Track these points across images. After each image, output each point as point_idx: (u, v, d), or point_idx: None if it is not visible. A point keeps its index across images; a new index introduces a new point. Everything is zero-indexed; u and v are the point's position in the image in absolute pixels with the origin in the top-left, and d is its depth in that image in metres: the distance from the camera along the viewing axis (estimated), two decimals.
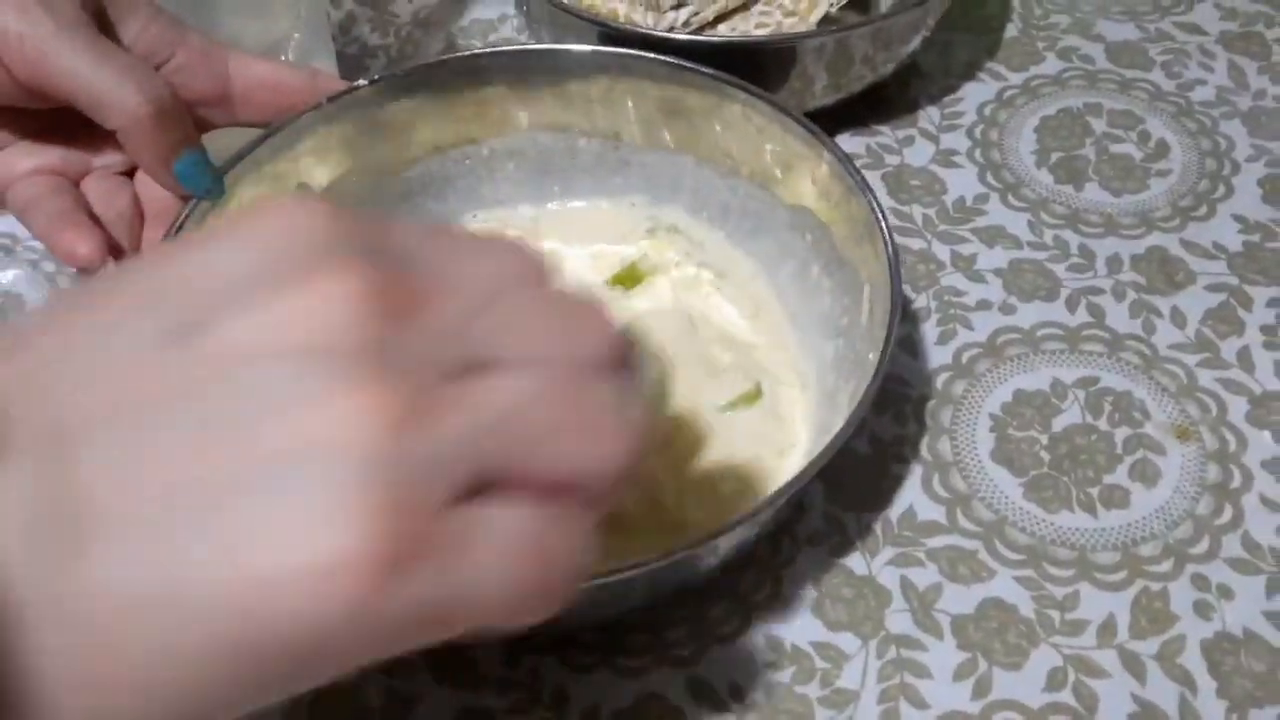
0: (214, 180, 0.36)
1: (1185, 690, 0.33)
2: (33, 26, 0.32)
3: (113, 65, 0.33)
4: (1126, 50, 0.52)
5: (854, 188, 0.36)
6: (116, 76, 0.33)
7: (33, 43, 0.32)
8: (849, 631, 0.34)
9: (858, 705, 0.33)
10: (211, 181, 0.36)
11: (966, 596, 0.35)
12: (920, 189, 0.46)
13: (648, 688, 0.33)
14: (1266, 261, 0.43)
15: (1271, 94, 0.50)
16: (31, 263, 0.45)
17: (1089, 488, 0.37)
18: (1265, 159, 0.47)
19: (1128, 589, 0.35)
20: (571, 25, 0.47)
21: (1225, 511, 0.37)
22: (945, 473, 0.38)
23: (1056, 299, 0.42)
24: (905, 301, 0.43)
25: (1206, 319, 0.42)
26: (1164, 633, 0.34)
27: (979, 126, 0.49)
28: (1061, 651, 0.34)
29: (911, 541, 0.36)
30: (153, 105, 0.34)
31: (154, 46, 0.36)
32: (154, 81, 0.34)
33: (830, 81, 0.47)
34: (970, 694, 0.33)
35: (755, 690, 0.33)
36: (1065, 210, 0.45)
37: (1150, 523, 0.36)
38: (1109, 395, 0.39)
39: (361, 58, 0.53)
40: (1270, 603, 0.35)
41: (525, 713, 0.33)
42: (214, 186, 0.36)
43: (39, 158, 0.36)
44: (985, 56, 0.52)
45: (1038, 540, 0.36)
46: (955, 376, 0.40)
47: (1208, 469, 0.37)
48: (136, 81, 0.33)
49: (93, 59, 0.33)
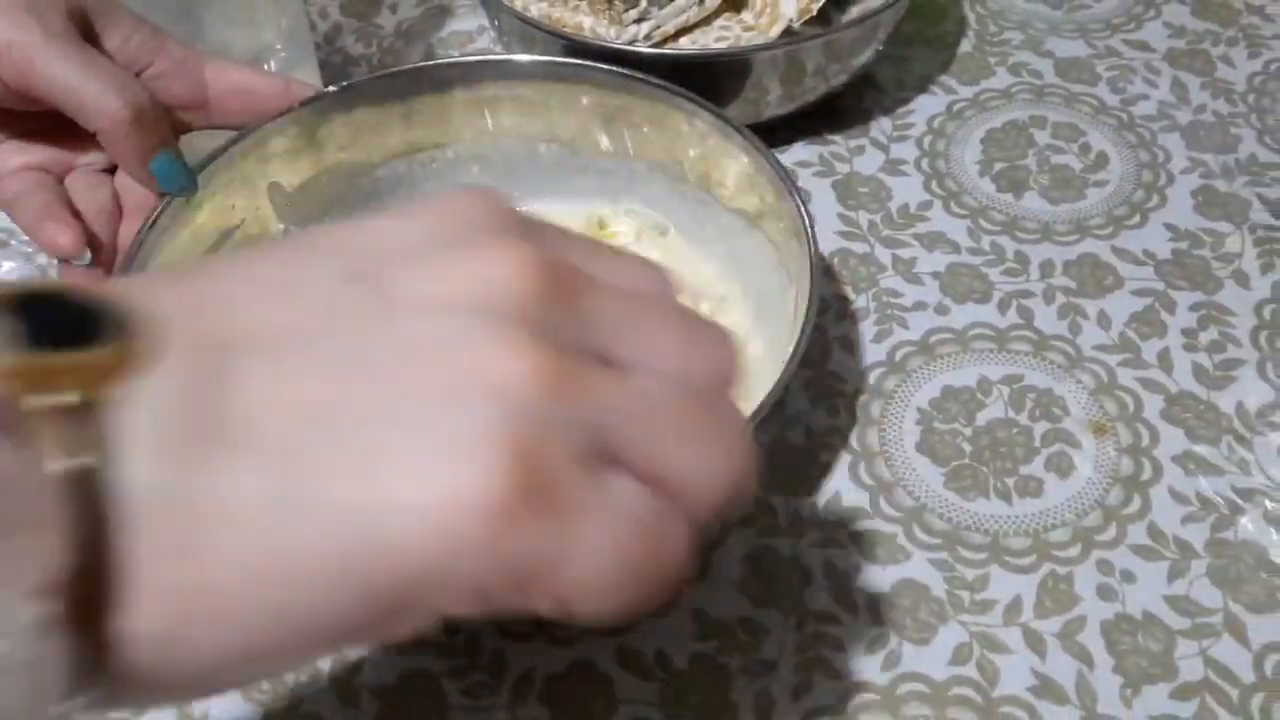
0: (188, 179, 0.39)
1: (1083, 666, 0.35)
2: (23, 35, 0.35)
3: (95, 72, 0.36)
4: (1074, 66, 0.54)
5: (784, 193, 0.39)
6: (99, 83, 0.36)
7: (22, 51, 0.35)
8: (772, 607, 0.37)
9: (776, 675, 0.35)
10: (186, 180, 0.39)
11: (883, 577, 0.37)
12: (867, 195, 0.49)
13: (579, 655, 0.35)
14: (1192, 268, 0.46)
15: (1211, 108, 0.52)
16: (26, 255, 0.48)
17: (1006, 478, 0.39)
18: (1200, 170, 0.49)
19: (1035, 572, 0.37)
20: (538, 38, 0.49)
21: (1134, 501, 0.39)
22: (871, 462, 0.40)
23: (989, 301, 0.45)
24: (845, 301, 0.45)
25: (1131, 321, 0.44)
26: (1066, 613, 0.36)
27: (927, 137, 0.51)
28: (969, 629, 0.36)
29: (835, 525, 0.38)
30: (131, 110, 0.36)
31: (135, 55, 0.39)
32: (134, 87, 0.37)
33: (784, 92, 0.49)
34: (880, 666, 0.35)
35: (680, 659, 0.35)
36: (1004, 218, 0.48)
37: (1061, 511, 0.38)
38: (1032, 392, 0.42)
39: (344, 66, 0.55)
40: (1171, 588, 0.37)
41: (464, 676, 0.35)
42: (188, 185, 0.39)
43: (26, 155, 0.39)
44: (939, 70, 0.54)
45: (953, 526, 0.38)
46: (888, 372, 0.43)
47: (1121, 462, 0.40)
48: (117, 88, 0.36)
49: (77, 66, 0.36)
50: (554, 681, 0.35)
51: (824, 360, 0.43)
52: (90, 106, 0.36)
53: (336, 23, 0.58)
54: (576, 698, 0.35)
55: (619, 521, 0.19)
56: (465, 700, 0.35)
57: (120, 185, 0.40)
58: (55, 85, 0.35)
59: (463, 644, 0.36)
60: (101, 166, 0.40)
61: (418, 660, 0.36)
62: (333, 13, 0.58)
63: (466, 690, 0.35)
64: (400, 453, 0.17)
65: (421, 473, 0.17)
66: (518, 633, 0.36)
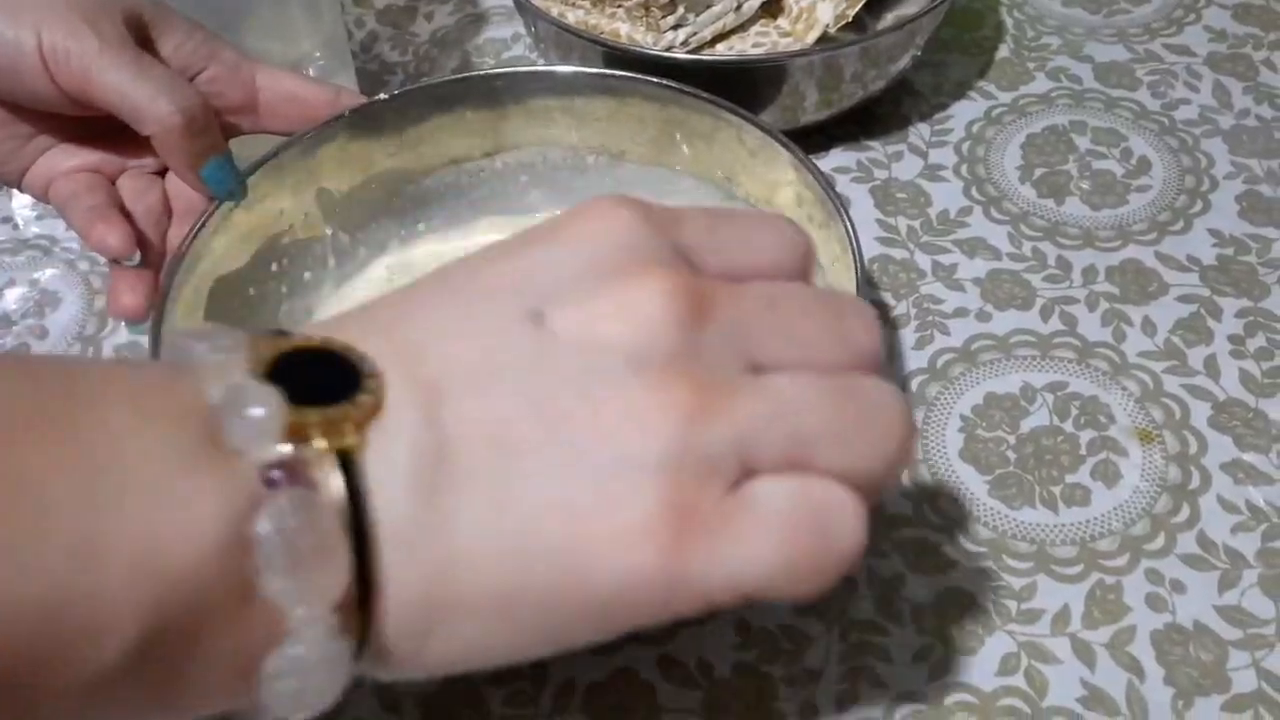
0: (237, 183, 0.39)
1: (1133, 677, 0.34)
2: (79, 43, 0.36)
3: (149, 78, 0.36)
4: (1114, 70, 0.54)
5: (832, 213, 0.38)
6: (152, 89, 0.36)
7: (79, 58, 0.36)
8: (814, 616, 0.36)
9: (819, 684, 0.35)
10: (235, 184, 0.39)
11: (928, 586, 0.37)
12: (906, 201, 0.48)
13: (621, 663, 0.35)
14: (1238, 274, 0.45)
15: (1255, 113, 0.51)
16: (68, 262, 0.49)
17: (1051, 486, 0.39)
18: (1244, 176, 0.49)
19: (1083, 581, 0.36)
20: (575, 45, 0.49)
21: (1183, 510, 0.38)
22: (914, 470, 0.40)
23: (1031, 308, 0.44)
24: (885, 309, 0.45)
25: (1176, 328, 0.43)
26: (1116, 623, 0.36)
27: (966, 143, 0.51)
28: (1016, 639, 0.35)
29: (879, 534, 0.38)
30: (184, 115, 0.37)
31: (190, 60, 0.39)
32: (186, 93, 0.37)
33: (821, 98, 0.49)
34: (927, 676, 0.35)
35: (722, 668, 0.35)
36: (1045, 223, 0.47)
37: (1109, 520, 0.38)
38: (1077, 399, 0.41)
39: (381, 74, 0.56)
40: (1222, 598, 0.36)
41: (506, 684, 0.35)
42: (237, 189, 0.39)
43: (80, 158, 0.40)
44: (977, 76, 0.54)
45: (999, 535, 0.38)
46: (930, 380, 0.42)
47: (1168, 470, 0.39)
48: (170, 93, 0.37)
49: (132, 73, 0.36)
50: (595, 690, 0.35)
51: None
52: (144, 112, 0.36)
53: (373, 31, 0.58)
54: (618, 706, 0.34)
55: (770, 512, 0.21)
56: (506, 708, 0.35)
57: (171, 187, 0.40)
58: (110, 91, 0.36)
59: None
60: (153, 169, 0.40)
61: None
62: (369, 21, 0.59)
63: (508, 698, 0.35)
64: (585, 492, 0.20)
65: (605, 511, 0.20)
66: None
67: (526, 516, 0.20)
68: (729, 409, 0.21)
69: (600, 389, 0.20)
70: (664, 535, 0.20)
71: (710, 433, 0.20)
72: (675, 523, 0.20)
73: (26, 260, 0.49)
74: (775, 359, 0.22)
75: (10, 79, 0.36)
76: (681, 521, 0.20)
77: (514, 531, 0.20)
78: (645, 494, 0.20)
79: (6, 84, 0.37)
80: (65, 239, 0.49)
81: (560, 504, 0.20)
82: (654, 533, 0.20)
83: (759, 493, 0.21)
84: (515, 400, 0.20)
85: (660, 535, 0.20)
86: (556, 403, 0.20)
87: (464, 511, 0.20)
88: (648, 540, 0.20)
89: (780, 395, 0.21)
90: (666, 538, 0.20)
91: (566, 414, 0.20)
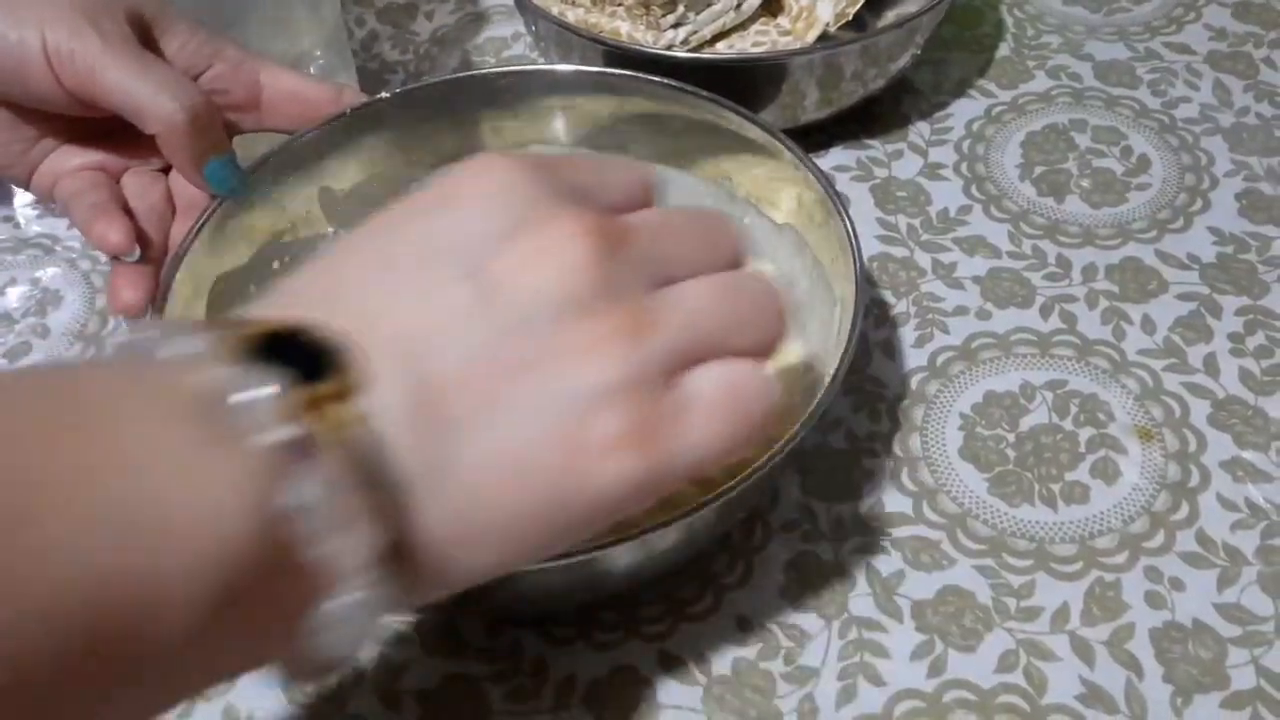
0: (240, 181, 0.40)
1: (1132, 675, 0.34)
2: (83, 44, 0.36)
3: (153, 77, 0.37)
4: (1114, 69, 0.54)
5: (832, 211, 0.38)
6: (156, 88, 0.36)
7: (82, 58, 0.36)
8: (814, 613, 0.36)
9: (818, 681, 0.35)
10: (238, 182, 0.39)
11: (927, 583, 0.37)
12: (906, 200, 0.49)
13: (621, 660, 0.35)
14: (1238, 272, 0.45)
15: (1255, 111, 0.51)
16: (69, 261, 0.49)
17: (1051, 484, 0.39)
18: (1244, 174, 0.49)
19: (1082, 579, 0.37)
20: (575, 44, 0.49)
21: (1182, 508, 0.38)
22: (914, 467, 0.40)
23: (1031, 306, 0.44)
24: (885, 307, 0.45)
25: (1176, 326, 0.43)
26: (1115, 620, 0.36)
27: (966, 141, 0.51)
28: (1015, 636, 0.35)
29: (878, 531, 0.38)
30: (187, 114, 0.37)
31: (193, 59, 0.39)
32: (189, 92, 0.37)
33: (821, 97, 0.49)
34: (926, 673, 0.35)
35: (722, 664, 0.35)
36: (1045, 221, 0.47)
37: (1108, 517, 0.38)
38: (1076, 397, 0.41)
39: (381, 73, 0.56)
40: (1221, 596, 0.36)
41: (506, 680, 0.35)
42: (239, 187, 0.40)
43: (84, 157, 0.40)
44: (977, 74, 0.54)
45: (998, 532, 0.38)
46: (929, 377, 0.42)
47: (1167, 468, 0.39)
48: (173, 92, 0.37)
49: (135, 72, 0.36)
50: (596, 685, 0.35)
51: (865, 365, 0.43)
52: (148, 110, 0.36)
53: (373, 30, 0.58)
54: (618, 702, 0.35)
55: (706, 395, 0.25)
56: (507, 704, 0.35)
57: (174, 185, 0.40)
58: (114, 90, 0.36)
59: (505, 648, 0.36)
60: (156, 166, 0.41)
61: (460, 664, 0.35)
62: (369, 20, 0.59)
63: (509, 694, 0.35)
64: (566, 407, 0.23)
65: (585, 424, 0.23)
66: (560, 637, 0.36)
67: (522, 448, 0.22)
68: (656, 324, 0.24)
69: (546, 332, 0.23)
70: (640, 440, 0.23)
71: (649, 347, 0.24)
72: (645, 427, 0.23)
73: (28, 259, 0.49)
74: (672, 274, 0.25)
75: (16, 81, 0.36)
76: (648, 425, 0.23)
77: (514, 464, 0.22)
78: (617, 410, 0.23)
79: (13, 86, 0.37)
80: (67, 238, 0.50)
81: (549, 433, 0.23)
82: (632, 440, 0.23)
83: (692, 385, 0.25)
84: (474, 355, 0.22)
85: (637, 440, 0.23)
86: (513, 351, 0.23)
87: (465, 451, 0.22)
88: (630, 447, 0.23)
89: (688, 303, 0.25)
90: (642, 441, 0.23)
91: (525, 360, 0.23)
